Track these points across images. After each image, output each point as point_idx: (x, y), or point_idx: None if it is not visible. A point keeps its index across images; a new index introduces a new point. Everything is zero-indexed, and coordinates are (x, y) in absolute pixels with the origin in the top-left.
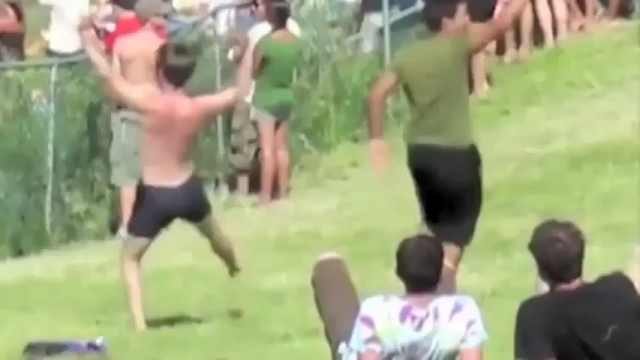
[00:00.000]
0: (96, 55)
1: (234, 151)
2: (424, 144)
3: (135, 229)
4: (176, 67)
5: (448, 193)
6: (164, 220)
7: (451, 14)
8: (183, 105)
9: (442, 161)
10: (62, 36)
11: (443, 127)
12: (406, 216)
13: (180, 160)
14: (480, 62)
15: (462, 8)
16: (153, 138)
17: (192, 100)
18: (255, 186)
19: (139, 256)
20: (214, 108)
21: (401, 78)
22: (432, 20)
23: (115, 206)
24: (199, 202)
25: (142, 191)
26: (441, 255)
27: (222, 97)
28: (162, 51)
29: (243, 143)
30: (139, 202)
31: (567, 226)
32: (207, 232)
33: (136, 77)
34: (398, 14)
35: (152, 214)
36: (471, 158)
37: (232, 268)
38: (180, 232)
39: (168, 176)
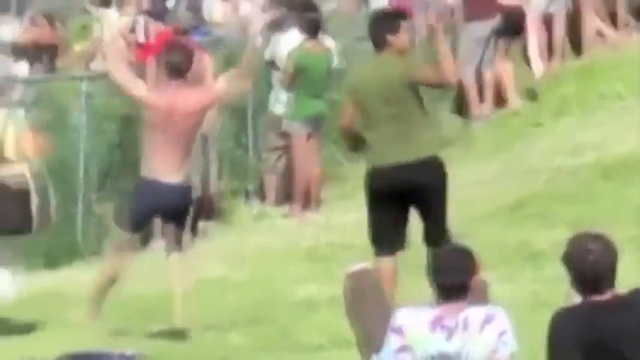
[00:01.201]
0: (112, 59)
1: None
2: (394, 163)
3: (127, 222)
4: (167, 63)
5: (426, 200)
6: (151, 214)
7: (394, 31)
8: (184, 99)
9: (412, 172)
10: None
11: (403, 143)
12: None
13: (179, 157)
14: (510, 75)
15: (404, 24)
16: (154, 132)
17: (194, 92)
18: (285, 197)
19: (128, 252)
20: (213, 99)
21: (354, 99)
22: (377, 39)
23: None
24: (186, 206)
25: (137, 185)
26: (471, 264)
27: (222, 86)
28: (164, 50)
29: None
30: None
31: (600, 238)
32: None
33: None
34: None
35: (143, 206)
36: (435, 164)
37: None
38: (213, 244)
39: (166, 172)
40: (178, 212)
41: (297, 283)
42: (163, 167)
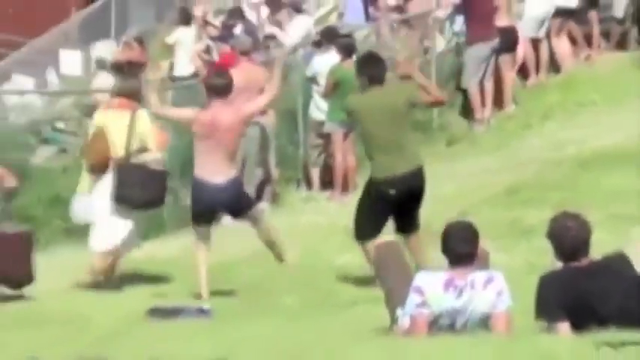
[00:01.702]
0: (151, 97)
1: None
2: (400, 174)
3: (193, 219)
4: (212, 86)
5: (415, 201)
6: (210, 211)
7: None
8: (225, 115)
9: (410, 181)
10: (182, 63)
11: (402, 157)
12: (446, 208)
13: (223, 162)
14: (509, 85)
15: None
16: (201, 142)
17: (234, 108)
18: (327, 184)
19: (204, 241)
20: (250, 114)
21: (356, 119)
22: (378, 76)
23: None
24: (234, 200)
25: (193, 187)
26: (476, 236)
27: (257, 103)
28: (207, 75)
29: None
30: (192, 196)
31: (577, 217)
32: (254, 224)
33: (247, 100)
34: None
35: (201, 205)
36: (422, 173)
37: (277, 255)
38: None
39: (212, 174)
40: (229, 206)
41: (337, 253)
42: (210, 170)
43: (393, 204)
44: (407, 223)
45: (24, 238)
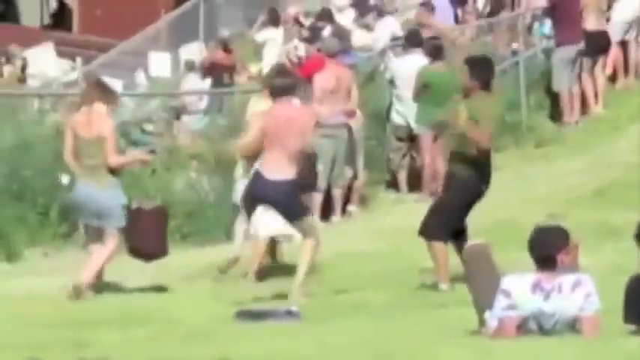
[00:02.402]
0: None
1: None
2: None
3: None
4: (275, 86)
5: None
6: (254, 203)
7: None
8: (288, 114)
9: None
10: (270, 64)
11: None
12: (535, 209)
13: (284, 159)
14: (600, 89)
15: None
16: (266, 139)
17: (296, 109)
18: (413, 186)
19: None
20: (314, 116)
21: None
22: (487, 83)
23: None
24: (285, 200)
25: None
26: (561, 240)
27: (314, 110)
28: (269, 75)
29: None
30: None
31: None
32: (303, 236)
33: (335, 102)
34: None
35: (248, 195)
36: None
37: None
38: (359, 224)
39: (270, 170)
40: (277, 204)
41: (425, 254)
42: (270, 166)
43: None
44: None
45: (159, 214)
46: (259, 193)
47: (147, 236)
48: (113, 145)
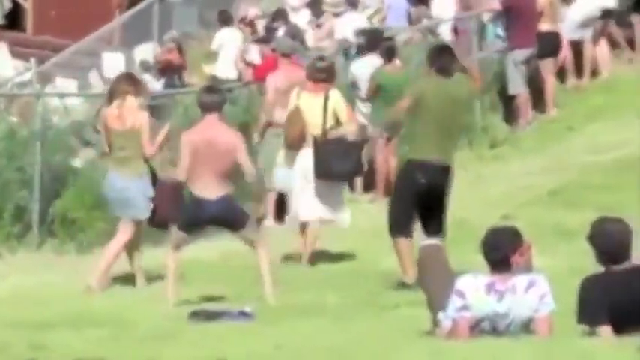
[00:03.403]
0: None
1: None
2: (435, 162)
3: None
4: (204, 103)
5: (438, 199)
6: (199, 225)
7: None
8: (218, 133)
9: (439, 174)
10: (225, 67)
11: (444, 149)
12: (488, 210)
13: (216, 178)
14: (550, 89)
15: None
16: (193, 160)
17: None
18: (369, 187)
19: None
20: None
21: (416, 100)
22: (449, 66)
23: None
24: (227, 215)
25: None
26: (514, 241)
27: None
28: (200, 92)
29: None
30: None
31: (618, 221)
32: (248, 243)
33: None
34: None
35: (191, 218)
36: (450, 172)
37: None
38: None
39: (203, 189)
40: (222, 221)
41: (381, 255)
42: (201, 186)
43: (421, 195)
44: (433, 224)
45: (177, 185)
46: (201, 215)
47: (167, 206)
48: (148, 136)
